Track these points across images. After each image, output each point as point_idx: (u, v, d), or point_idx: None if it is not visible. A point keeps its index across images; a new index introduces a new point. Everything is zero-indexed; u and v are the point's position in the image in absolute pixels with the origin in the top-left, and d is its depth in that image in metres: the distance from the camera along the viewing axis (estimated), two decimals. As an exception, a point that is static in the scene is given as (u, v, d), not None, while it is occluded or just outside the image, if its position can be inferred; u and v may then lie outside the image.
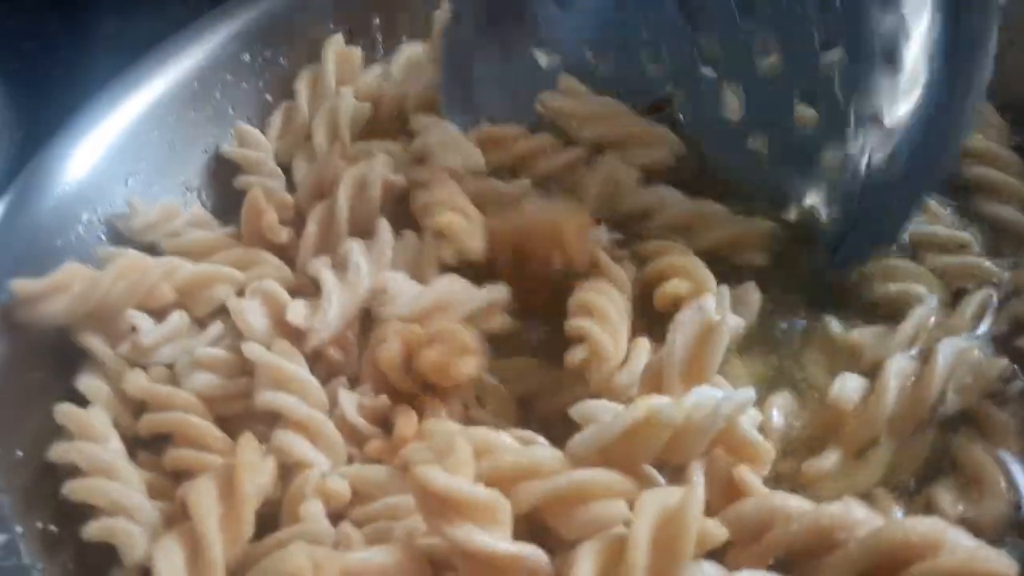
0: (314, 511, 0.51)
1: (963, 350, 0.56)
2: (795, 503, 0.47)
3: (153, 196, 0.71)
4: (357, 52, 0.81)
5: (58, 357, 0.61)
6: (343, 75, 0.79)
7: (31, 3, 0.73)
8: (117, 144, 0.70)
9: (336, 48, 0.80)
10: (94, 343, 0.59)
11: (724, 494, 0.49)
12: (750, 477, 0.49)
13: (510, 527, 0.45)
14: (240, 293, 0.63)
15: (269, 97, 0.80)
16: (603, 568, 0.44)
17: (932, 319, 0.61)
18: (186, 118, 0.75)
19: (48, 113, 0.70)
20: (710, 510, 0.45)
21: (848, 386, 0.55)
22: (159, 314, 0.62)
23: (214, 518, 0.47)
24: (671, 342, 0.53)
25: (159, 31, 0.77)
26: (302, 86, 0.79)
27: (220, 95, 0.77)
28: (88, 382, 0.59)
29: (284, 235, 0.67)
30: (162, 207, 0.69)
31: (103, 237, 0.67)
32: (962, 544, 0.43)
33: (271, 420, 0.56)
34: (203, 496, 0.48)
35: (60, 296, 0.59)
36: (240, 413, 0.58)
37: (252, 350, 0.57)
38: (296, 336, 0.59)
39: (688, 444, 0.49)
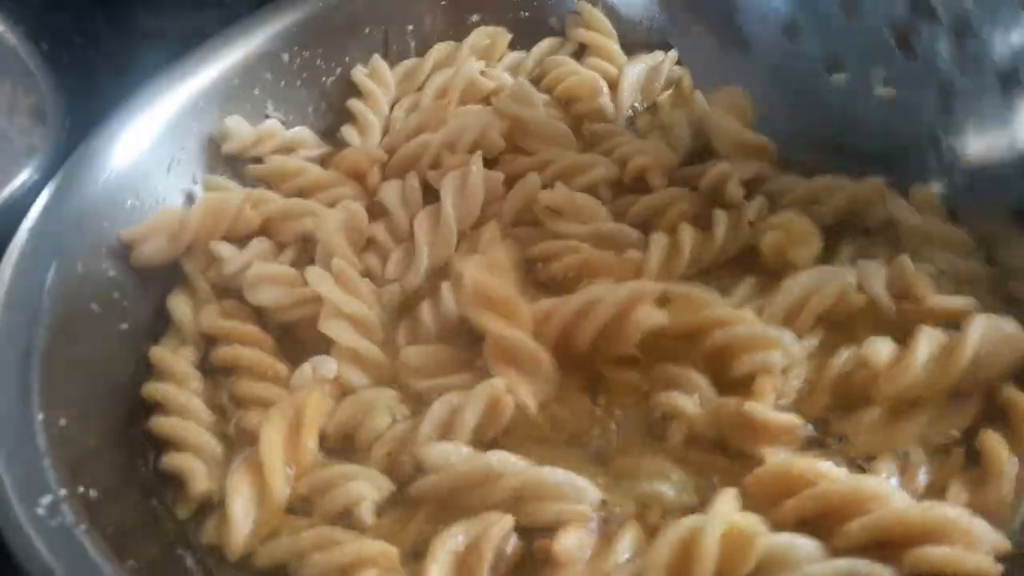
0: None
1: (997, 323, 0.57)
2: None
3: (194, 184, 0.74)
4: (504, 36, 0.88)
5: (103, 328, 0.64)
6: (482, 53, 0.87)
7: (79, 0, 0.76)
8: (160, 134, 0.72)
9: (485, 29, 0.87)
10: (192, 268, 0.69)
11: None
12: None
13: None
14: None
15: (306, 95, 0.83)
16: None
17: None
18: (226, 112, 0.77)
19: (94, 103, 0.73)
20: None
21: (881, 349, 0.57)
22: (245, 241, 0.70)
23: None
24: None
25: (196, 29, 0.81)
26: (435, 51, 0.86)
27: (259, 92, 0.80)
28: (177, 302, 0.67)
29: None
30: (263, 130, 0.77)
31: (146, 221, 0.70)
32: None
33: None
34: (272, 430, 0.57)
35: (159, 237, 0.67)
36: (306, 320, 0.65)
37: (314, 277, 0.64)
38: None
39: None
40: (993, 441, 0.54)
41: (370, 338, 0.63)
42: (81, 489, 0.54)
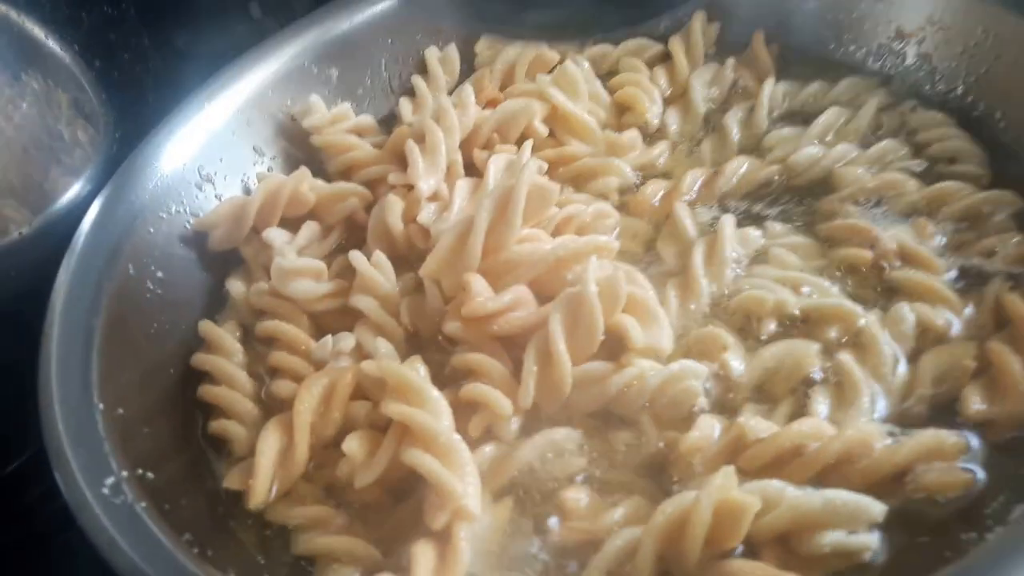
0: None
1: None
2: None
3: (231, 192, 0.80)
4: None
5: (152, 324, 0.71)
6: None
7: (127, 20, 0.82)
8: (201, 145, 0.78)
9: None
10: (248, 252, 0.76)
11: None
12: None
13: None
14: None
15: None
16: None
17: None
18: (261, 123, 0.83)
19: (141, 115, 0.79)
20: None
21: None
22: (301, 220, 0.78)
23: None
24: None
25: (231, 46, 0.86)
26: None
27: (291, 102, 0.85)
28: (234, 284, 0.76)
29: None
30: (337, 110, 0.86)
31: (188, 225, 0.76)
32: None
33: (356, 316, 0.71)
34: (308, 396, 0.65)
35: (226, 224, 0.75)
36: (335, 310, 0.73)
37: (356, 258, 0.71)
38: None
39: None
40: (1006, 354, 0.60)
41: (391, 313, 0.70)
42: (139, 471, 0.59)
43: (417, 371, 0.64)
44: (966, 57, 0.78)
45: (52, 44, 0.74)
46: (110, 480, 0.57)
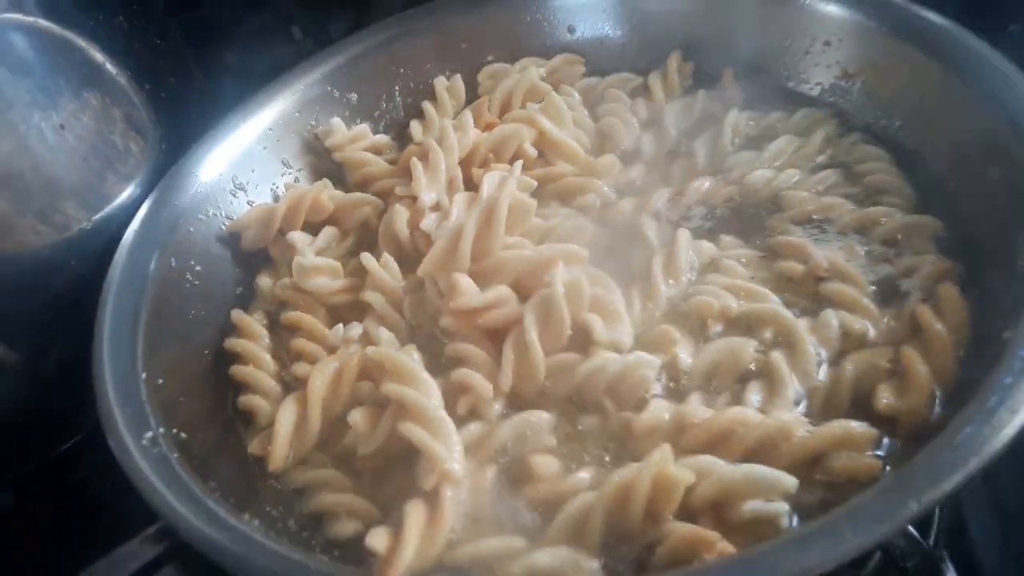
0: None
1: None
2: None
3: (261, 199, 0.91)
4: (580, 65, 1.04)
5: (190, 308, 0.80)
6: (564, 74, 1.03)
7: (175, 49, 0.93)
8: (236, 157, 0.89)
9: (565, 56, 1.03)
10: (275, 251, 0.87)
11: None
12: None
13: None
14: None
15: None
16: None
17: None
18: (288, 140, 0.94)
19: (186, 129, 0.89)
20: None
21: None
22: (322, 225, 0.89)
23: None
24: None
25: (271, 66, 0.98)
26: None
27: (315, 121, 0.96)
28: (262, 278, 0.86)
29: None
30: (356, 130, 0.95)
31: (224, 227, 0.87)
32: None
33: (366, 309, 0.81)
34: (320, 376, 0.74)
35: (256, 226, 0.85)
36: (348, 303, 0.84)
37: (367, 260, 0.82)
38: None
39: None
40: (915, 358, 0.67)
41: (396, 308, 0.80)
42: (174, 430, 0.69)
43: (412, 357, 0.73)
44: (899, 96, 0.86)
45: (110, 68, 0.84)
46: (149, 434, 0.66)
